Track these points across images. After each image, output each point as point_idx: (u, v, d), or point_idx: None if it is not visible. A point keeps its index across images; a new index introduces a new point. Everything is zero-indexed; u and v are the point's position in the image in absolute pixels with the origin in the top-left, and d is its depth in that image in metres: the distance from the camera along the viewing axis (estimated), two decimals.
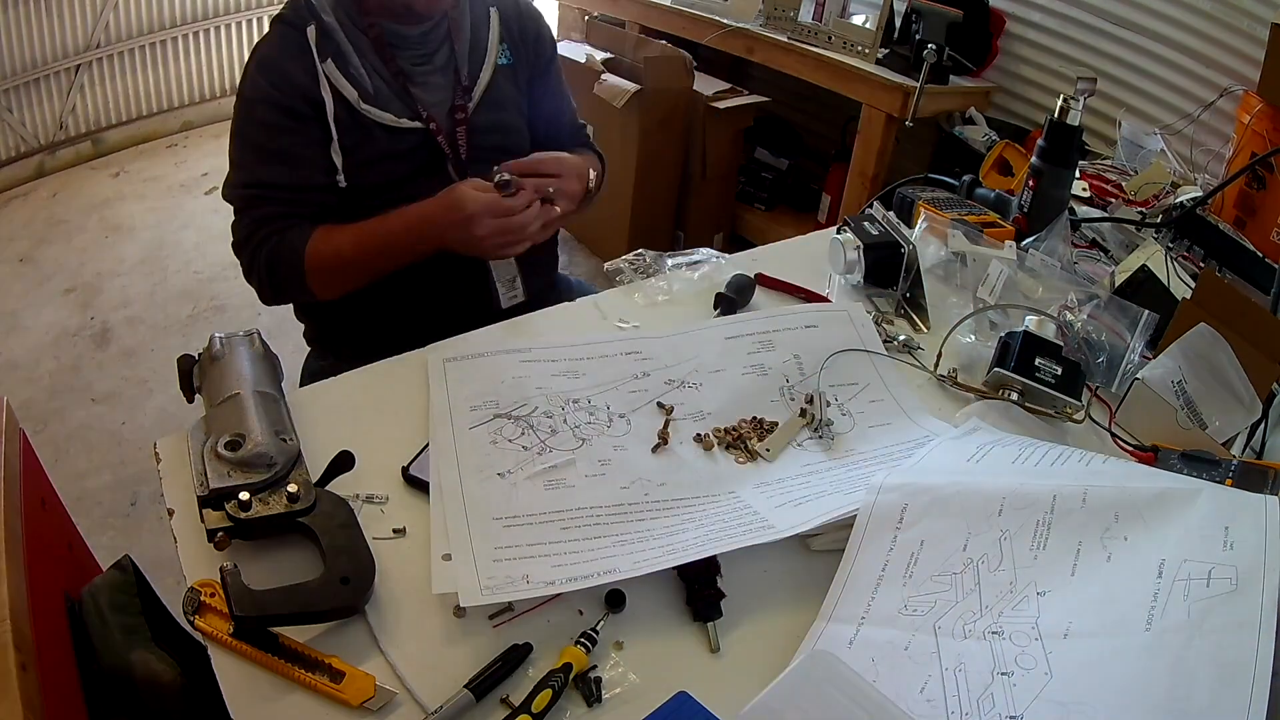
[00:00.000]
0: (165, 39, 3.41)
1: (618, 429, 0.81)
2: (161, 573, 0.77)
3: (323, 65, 1.05)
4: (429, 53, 1.14)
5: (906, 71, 2.22)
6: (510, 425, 0.79)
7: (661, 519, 0.71)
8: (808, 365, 0.89)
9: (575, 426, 0.80)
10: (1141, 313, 0.99)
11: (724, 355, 0.90)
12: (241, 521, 0.62)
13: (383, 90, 1.09)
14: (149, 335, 2.44)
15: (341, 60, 1.07)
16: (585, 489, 0.74)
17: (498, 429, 0.79)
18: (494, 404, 0.81)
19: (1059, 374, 0.88)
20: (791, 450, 0.81)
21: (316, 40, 1.06)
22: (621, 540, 0.69)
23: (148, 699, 0.67)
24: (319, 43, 1.06)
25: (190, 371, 0.77)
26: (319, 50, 1.06)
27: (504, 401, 0.81)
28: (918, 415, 0.86)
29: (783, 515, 0.71)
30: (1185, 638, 0.56)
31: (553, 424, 0.80)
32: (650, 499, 0.74)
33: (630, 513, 0.72)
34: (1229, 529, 0.61)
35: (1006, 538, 0.66)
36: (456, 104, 1.14)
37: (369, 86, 1.08)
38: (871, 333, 0.94)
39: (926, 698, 0.57)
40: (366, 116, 1.07)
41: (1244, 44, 2.01)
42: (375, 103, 1.08)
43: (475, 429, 0.78)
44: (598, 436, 0.79)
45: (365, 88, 1.07)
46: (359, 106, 1.07)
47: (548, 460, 0.76)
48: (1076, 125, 1.17)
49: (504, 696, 0.57)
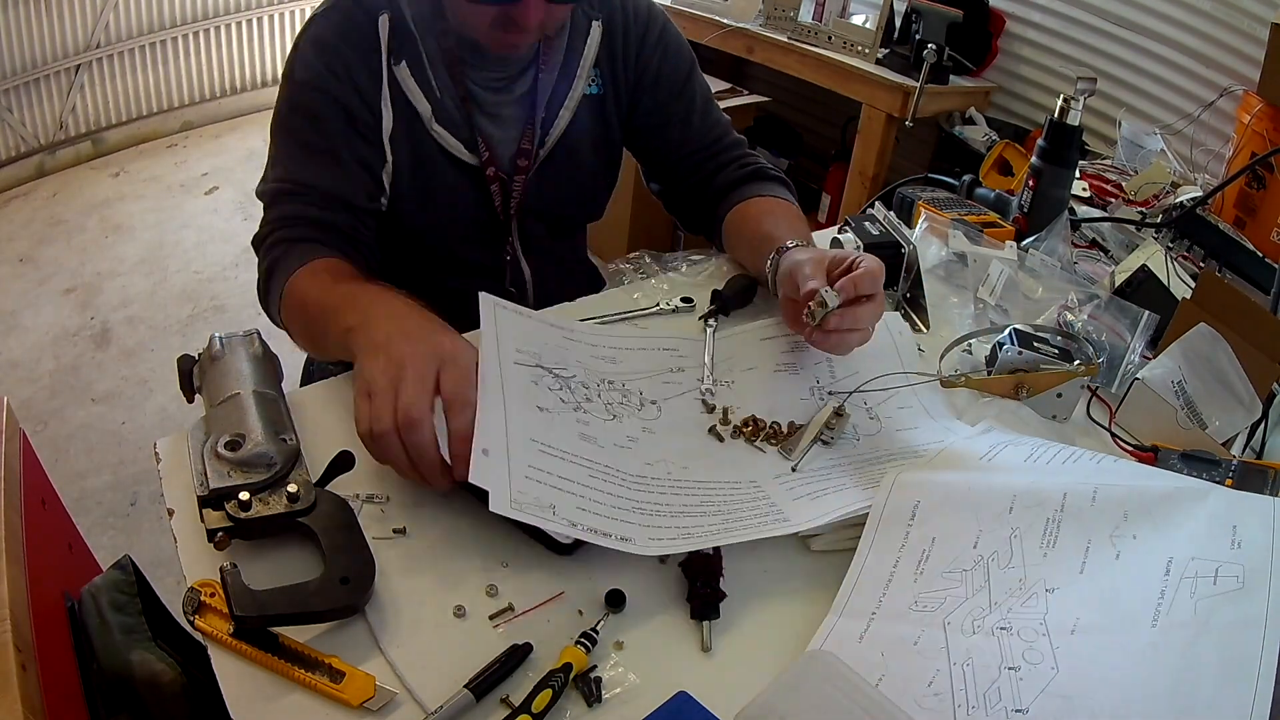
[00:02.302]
0: (165, 39, 3.41)
1: (649, 413, 0.82)
2: (161, 573, 0.78)
3: (395, 68, 0.88)
4: (508, 79, 0.96)
5: (906, 71, 2.22)
6: (550, 378, 0.80)
7: (681, 497, 0.72)
8: (839, 368, 0.89)
9: (608, 404, 0.81)
10: (1141, 313, 0.99)
11: (758, 354, 0.91)
12: (241, 521, 0.62)
13: (450, 112, 0.93)
14: (149, 335, 2.44)
15: (417, 66, 0.89)
16: (613, 453, 0.75)
17: (538, 377, 0.79)
18: (538, 356, 0.81)
19: (1060, 349, 0.90)
20: (816, 448, 0.81)
21: (390, 35, 0.88)
22: (640, 508, 0.69)
23: (148, 699, 0.67)
24: (392, 39, 0.88)
25: (190, 371, 0.77)
26: (391, 48, 0.88)
27: (546, 359, 0.82)
28: (945, 420, 0.87)
29: (799, 509, 0.71)
30: (1191, 634, 0.56)
31: (588, 394, 0.81)
32: (672, 477, 0.75)
33: (652, 485, 0.73)
34: (1237, 529, 0.62)
35: (1017, 535, 0.66)
36: (523, 147, 0.97)
37: (441, 103, 0.91)
38: (908, 341, 0.92)
39: (934, 691, 0.57)
40: (436, 139, 0.92)
41: (1244, 44, 2.02)
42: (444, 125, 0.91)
43: (520, 367, 0.78)
44: (629, 416, 0.81)
45: (438, 104, 0.91)
46: (430, 126, 0.91)
47: (583, 416, 0.77)
48: (1076, 125, 1.17)
49: (504, 696, 0.57)
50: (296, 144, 0.90)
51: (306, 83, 0.88)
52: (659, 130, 1.07)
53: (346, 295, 0.78)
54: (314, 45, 0.88)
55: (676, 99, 1.06)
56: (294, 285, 0.84)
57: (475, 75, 0.93)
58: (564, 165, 1.02)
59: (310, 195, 0.88)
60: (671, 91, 1.05)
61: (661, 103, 1.05)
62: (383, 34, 0.87)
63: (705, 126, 1.08)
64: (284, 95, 0.91)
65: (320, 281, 0.83)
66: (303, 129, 0.89)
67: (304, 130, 0.89)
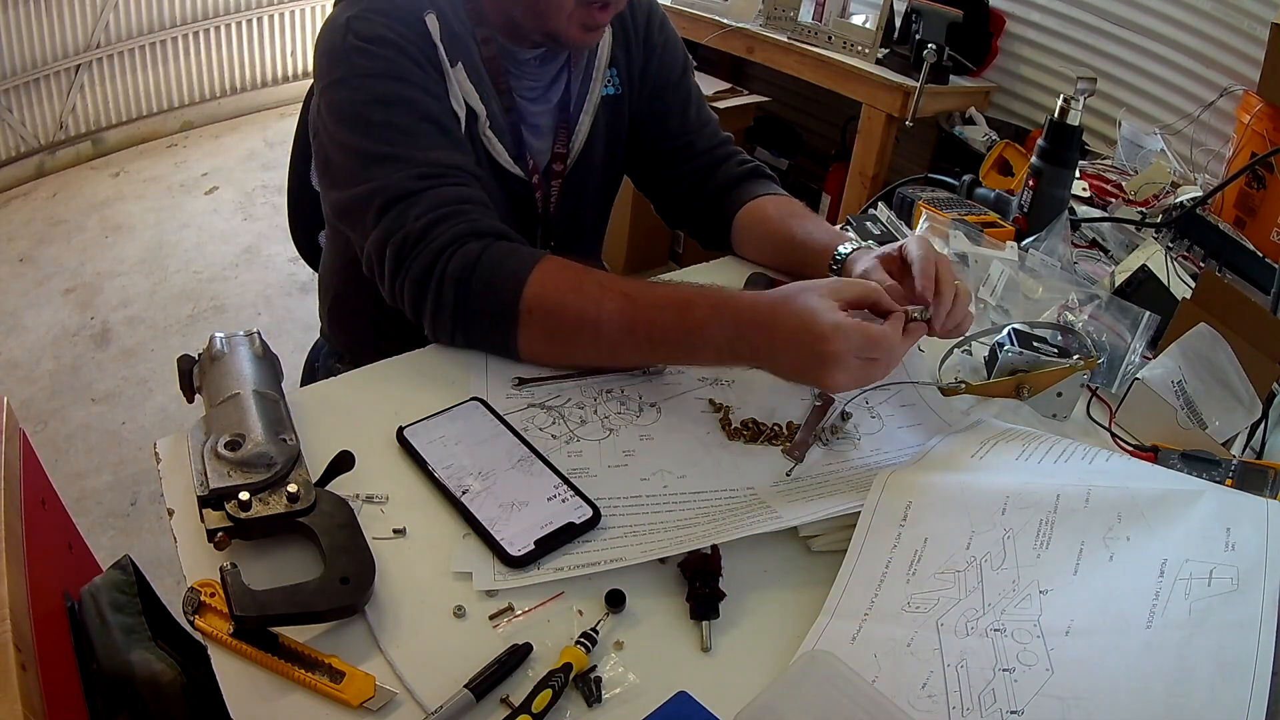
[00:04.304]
0: (165, 39, 3.41)
1: (647, 418, 0.82)
2: (161, 573, 0.78)
3: (453, 69, 0.83)
4: (542, 85, 0.93)
5: (906, 71, 2.22)
6: (542, 414, 0.80)
7: (676, 513, 0.72)
8: None
9: (605, 417, 0.81)
10: (1143, 314, 0.99)
11: None
12: (241, 521, 0.62)
13: (498, 119, 0.88)
14: (149, 335, 2.44)
15: (472, 69, 0.85)
16: (605, 479, 0.75)
17: (530, 417, 0.80)
18: (529, 393, 0.82)
19: (1059, 347, 0.90)
20: (816, 449, 0.81)
21: (441, 35, 0.83)
22: (633, 531, 0.69)
23: (148, 699, 0.67)
24: (445, 39, 0.83)
25: (190, 371, 0.77)
26: (447, 49, 0.82)
27: (538, 392, 0.83)
28: (947, 415, 0.87)
29: (793, 509, 0.71)
30: (1186, 635, 0.56)
31: (583, 414, 0.81)
32: (669, 491, 0.74)
33: (646, 504, 0.73)
34: (1230, 530, 0.62)
35: (1010, 536, 0.66)
36: (557, 151, 0.94)
37: (490, 110, 0.86)
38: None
39: (928, 693, 0.57)
40: (486, 147, 0.88)
41: (1244, 44, 2.02)
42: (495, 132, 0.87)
43: (510, 415, 0.79)
44: (625, 427, 0.81)
45: (490, 110, 0.86)
46: (483, 132, 0.87)
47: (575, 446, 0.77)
48: (1076, 125, 1.17)
49: (504, 696, 0.57)
50: (398, 131, 0.79)
51: (379, 73, 0.79)
52: (659, 121, 1.07)
53: (647, 289, 0.76)
54: (369, 41, 0.81)
55: (674, 90, 1.06)
56: (548, 278, 0.76)
57: (516, 84, 0.90)
58: (585, 170, 1.01)
59: (455, 173, 0.79)
60: (670, 82, 1.06)
61: (661, 94, 1.05)
62: (434, 31, 0.82)
63: (700, 120, 1.09)
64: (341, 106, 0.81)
65: (593, 275, 0.77)
66: (397, 116, 0.79)
67: (401, 116, 0.79)
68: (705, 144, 1.09)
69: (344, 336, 1.17)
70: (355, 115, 0.81)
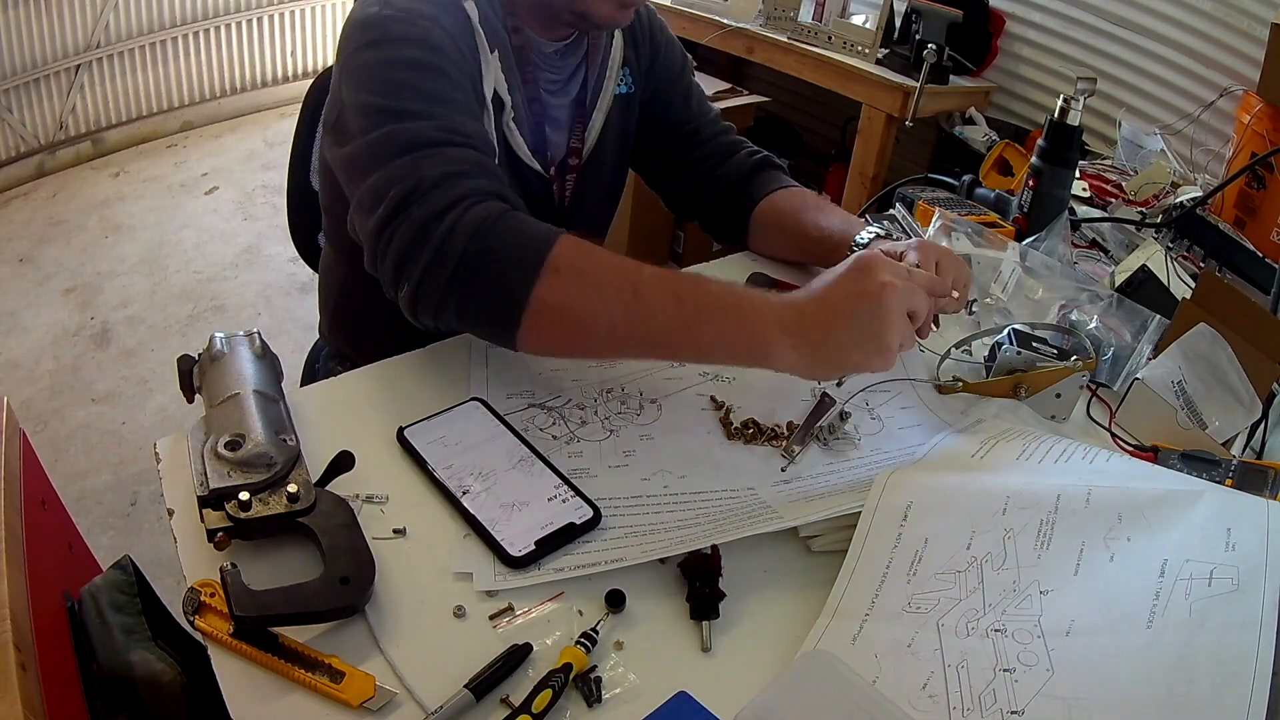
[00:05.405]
0: (165, 39, 3.41)
1: (648, 416, 0.82)
2: (161, 573, 0.78)
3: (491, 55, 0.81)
4: (562, 79, 0.92)
5: (906, 71, 2.22)
6: (543, 415, 0.81)
7: (676, 513, 0.72)
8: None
9: (605, 418, 0.81)
10: (1152, 316, 0.99)
11: None
12: (241, 521, 0.62)
13: (521, 111, 0.86)
14: (149, 335, 2.44)
15: (505, 59, 0.83)
16: (606, 479, 0.75)
17: (531, 418, 0.80)
18: (530, 394, 0.82)
19: (1058, 348, 0.90)
20: (815, 448, 0.81)
21: (480, 21, 0.80)
22: (633, 531, 0.69)
23: (148, 699, 0.67)
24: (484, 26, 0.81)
25: (190, 371, 0.77)
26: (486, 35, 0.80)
27: (539, 393, 0.83)
28: (946, 416, 0.87)
29: (794, 509, 0.71)
30: (1186, 635, 0.56)
31: (583, 415, 0.81)
32: (669, 491, 0.74)
33: (647, 504, 0.73)
34: (1231, 531, 0.62)
35: (1011, 536, 0.66)
36: (573, 146, 0.94)
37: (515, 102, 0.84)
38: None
39: (929, 694, 0.57)
40: (507, 138, 0.87)
41: (1244, 44, 2.02)
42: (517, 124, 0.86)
43: (510, 416, 0.79)
44: (626, 426, 0.81)
45: (516, 100, 0.85)
46: (505, 124, 0.84)
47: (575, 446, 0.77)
48: (1076, 125, 1.17)
49: (504, 696, 0.57)
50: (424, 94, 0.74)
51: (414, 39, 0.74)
52: (664, 111, 1.08)
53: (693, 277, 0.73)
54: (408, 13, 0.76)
55: (677, 83, 1.08)
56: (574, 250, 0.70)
57: (539, 75, 0.89)
58: (597, 166, 1.02)
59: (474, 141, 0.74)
60: (672, 76, 1.08)
61: (665, 87, 1.07)
62: (473, 16, 0.80)
63: (702, 110, 1.11)
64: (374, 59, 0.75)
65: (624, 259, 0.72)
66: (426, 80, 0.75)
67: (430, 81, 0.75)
68: (710, 131, 1.10)
69: (344, 337, 1.17)
70: (380, 75, 0.76)
